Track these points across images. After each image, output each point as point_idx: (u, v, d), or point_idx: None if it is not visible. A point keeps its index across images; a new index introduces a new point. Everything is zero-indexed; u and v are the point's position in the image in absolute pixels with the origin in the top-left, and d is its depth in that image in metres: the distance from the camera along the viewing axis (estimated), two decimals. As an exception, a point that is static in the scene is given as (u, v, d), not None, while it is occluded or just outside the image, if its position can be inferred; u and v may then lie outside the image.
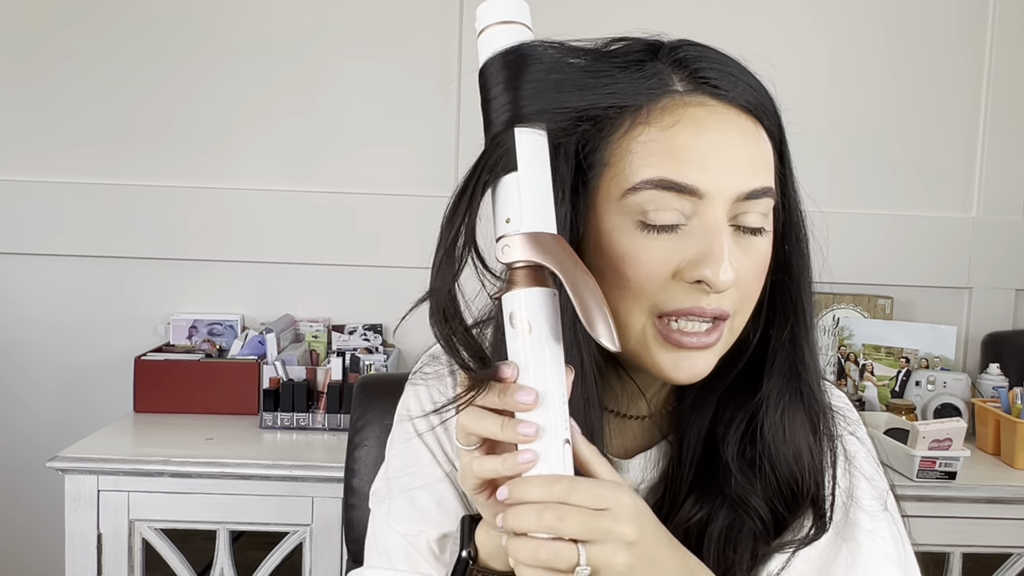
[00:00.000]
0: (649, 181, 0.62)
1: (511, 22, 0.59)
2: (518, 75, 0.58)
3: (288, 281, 2.15)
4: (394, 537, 0.76)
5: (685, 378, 0.66)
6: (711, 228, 0.62)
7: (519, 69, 0.58)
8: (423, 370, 0.81)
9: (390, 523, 0.77)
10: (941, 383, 1.94)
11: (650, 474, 0.75)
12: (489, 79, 0.59)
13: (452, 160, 2.13)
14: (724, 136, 0.63)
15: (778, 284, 0.70)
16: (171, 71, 2.10)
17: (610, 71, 0.62)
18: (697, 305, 0.63)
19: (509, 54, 0.58)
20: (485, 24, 0.59)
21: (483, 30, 0.60)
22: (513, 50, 0.58)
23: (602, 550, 0.55)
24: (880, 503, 0.74)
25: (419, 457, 0.77)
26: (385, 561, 0.76)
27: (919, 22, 2.16)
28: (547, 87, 0.58)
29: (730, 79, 0.64)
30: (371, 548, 0.79)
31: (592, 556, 0.55)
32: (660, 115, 0.63)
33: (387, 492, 0.78)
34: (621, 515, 0.56)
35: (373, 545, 0.78)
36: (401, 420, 0.81)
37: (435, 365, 0.81)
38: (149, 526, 1.61)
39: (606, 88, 0.62)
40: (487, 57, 0.59)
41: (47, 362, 2.14)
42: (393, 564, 0.75)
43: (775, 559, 0.70)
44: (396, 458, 0.79)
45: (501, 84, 0.58)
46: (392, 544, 0.76)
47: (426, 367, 0.81)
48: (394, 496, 0.77)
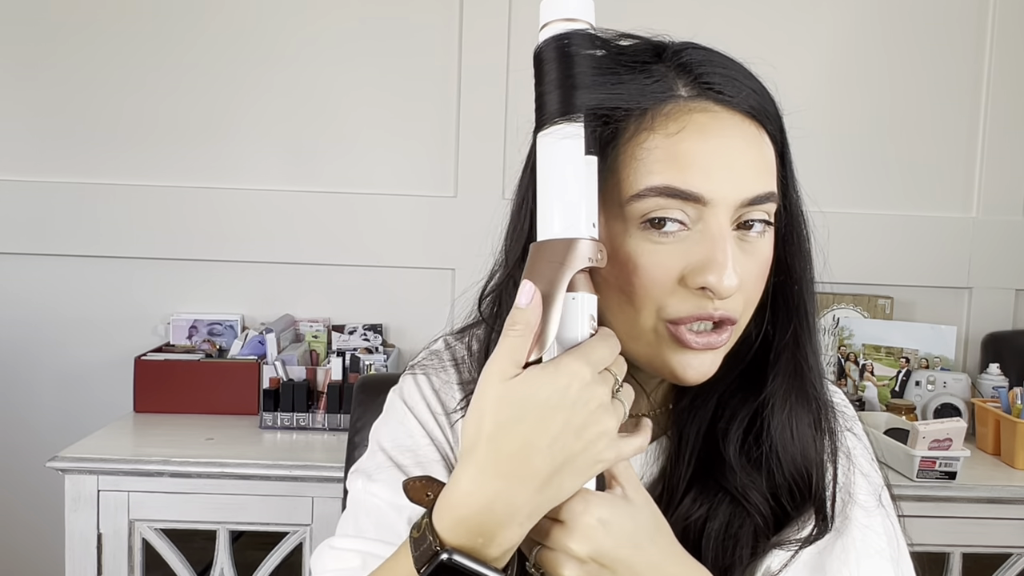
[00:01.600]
0: (654, 188, 0.62)
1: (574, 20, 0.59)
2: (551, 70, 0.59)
3: (288, 281, 2.15)
4: (371, 502, 0.73)
5: (695, 377, 0.66)
6: (715, 235, 0.63)
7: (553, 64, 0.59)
8: (422, 362, 0.81)
9: (370, 490, 0.74)
10: (941, 383, 1.94)
11: (649, 470, 0.75)
12: (536, 69, 0.60)
13: (452, 160, 2.14)
14: (728, 143, 0.63)
15: (780, 285, 0.70)
16: (172, 71, 2.10)
17: (616, 70, 0.63)
18: (705, 312, 0.64)
19: (555, 43, 0.59)
20: (548, 19, 0.60)
21: (545, 25, 0.60)
22: (557, 39, 0.59)
23: (552, 557, 0.58)
24: (875, 499, 0.74)
25: (415, 438, 0.76)
26: (352, 528, 0.73)
27: (919, 22, 2.16)
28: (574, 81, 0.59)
29: (734, 84, 0.65)
30: (343, 520, 0.75)
31: (543, 559, 0.58)
32: (664, 121, 0.63)
33: (374, 465, 0.76)
34: (573, 530, 0.57)
35: (346, 517, 0.75)
36: (394, 404, 0.80)
37: (435, 359, 0.81)
38: (149, 526, 1.61)
39: (613, 88, 0.62)
40: (540, 43, 0.60)
41: (47, 362, 2.14)
42: (360, 531, 0.72)
43: (775, 556, 0.70)
44: (386, 435, 0.78)
45: (542, 77, 0.59)
46: (365, 510, 0.73)
47: (425, 360, 0.81)
48: (382, 469, 0.75)
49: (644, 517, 0.60)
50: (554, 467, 0.54)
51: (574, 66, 0.58)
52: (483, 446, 0.55)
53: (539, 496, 0.55)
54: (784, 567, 0.69)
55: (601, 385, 0.55)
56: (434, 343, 0.83)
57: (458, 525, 0.56)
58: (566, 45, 0.59)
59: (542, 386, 0.54)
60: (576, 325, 0.57)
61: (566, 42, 0.59)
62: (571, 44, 0.59)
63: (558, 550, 0.57)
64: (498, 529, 0.55)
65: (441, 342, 0.83)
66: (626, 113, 0.63)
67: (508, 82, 2.09)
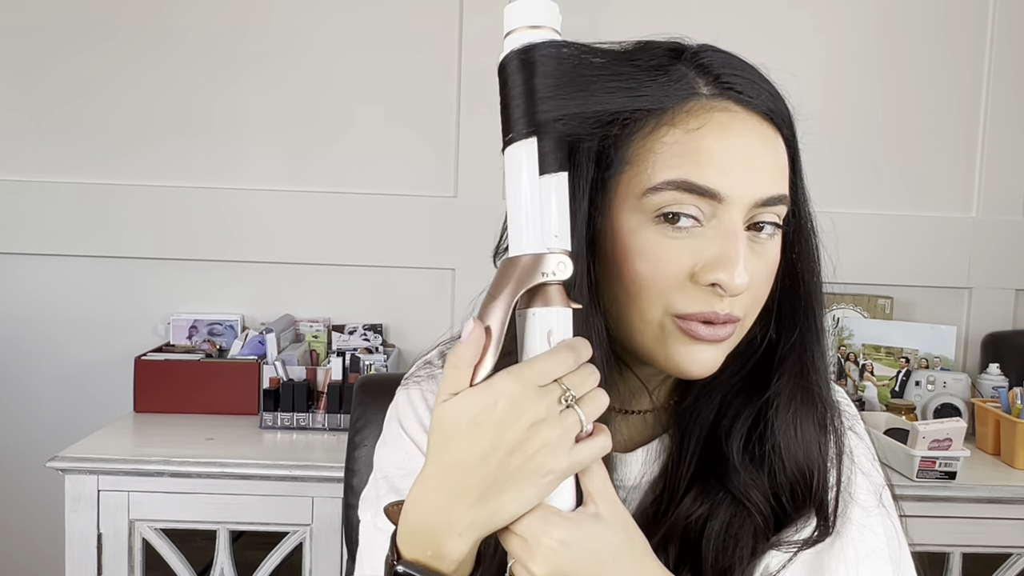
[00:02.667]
0: (671, 182, 0.63)
1: (539, 27, 0.58)
2: (535, 77, 0.57)
3: (288, 281, 2.15)
4: (380, 538, 0.73)
5: (699, 371, 0.66)
6: (728, 232, 0.63)
7: (536, 71, 0.57)
8: (415, 374, 0.81)
9: (377, 524, 0.75)
10: (941, 383, 1.94)
11: (651, 468, 0.75)
12: (508, 79, 0.58)
13: (452, 160, 2.14)
14: (746, 142, 0.64)
15: (788, 289, 0.71)
16: (172, 71, 2.10)
17: (633, 73, 0.63)
18: (712, 310, 0.64)
19: (525, 53, 0.57)
20: (512, 28, 0.58)
21: (509, 33, 0.58)
22: (529, 49, 0.57)
23: (519, 573, 0.58)
24: (875, 499, 0.74)
25: (412, 457, 0.76)
26: (368, 567, 0.74)
27: (919, 23, 2.16)
28: (570, 89, 0.58)
29: (753, 86, 0.66)
30: (359, 558, 0.76)
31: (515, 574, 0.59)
32: (686, 118, 0.63)
33: (375, 495, 0.77)
34: (534, 552, 0.57)
35: (360, 554, 0.76)
36: (390, 425, 0.80)
37: (427, 368, 0.81)
38: (149, 526, 1.61)
39: (633, 92, 0.62)
40: (504, 55, 0.58)
41: (47, 362, 2.14)
42: (376, 569, 0.72)
43: (774, 556, 0.70)
44: (386, 459, 0.78)
45: (520, 86, 0.58)
46: (379, 546, 0.73)
47: (418, 371, 0.81)
48: (383, 497, 0.75)
49: (612, 535, 0.59)
50: (488, 482, 0.55)
51: (534, 78, 0.57)
52: (428, 462, 0.58)
53: (476, 509, 0.56)
54: (783, 567, 0.69)
55: (539, 399, 0.55)
56: (429, 352, 0.83)
57: (411, 538, 0.59)
58: (528, 56, 0.57)
59: (470, 406, 0.55)
60: (533, 341, 0.58)
61: (527, 55, 0.57)
62: (534, 54, 0.57)
63: (522, 568, 0.58)
64: (440, 540, 0.57)
65: (436, 351, 0.82)
66: (648, 112, 0.63)
67: (508, 82, 2.09)
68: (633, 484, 0.74)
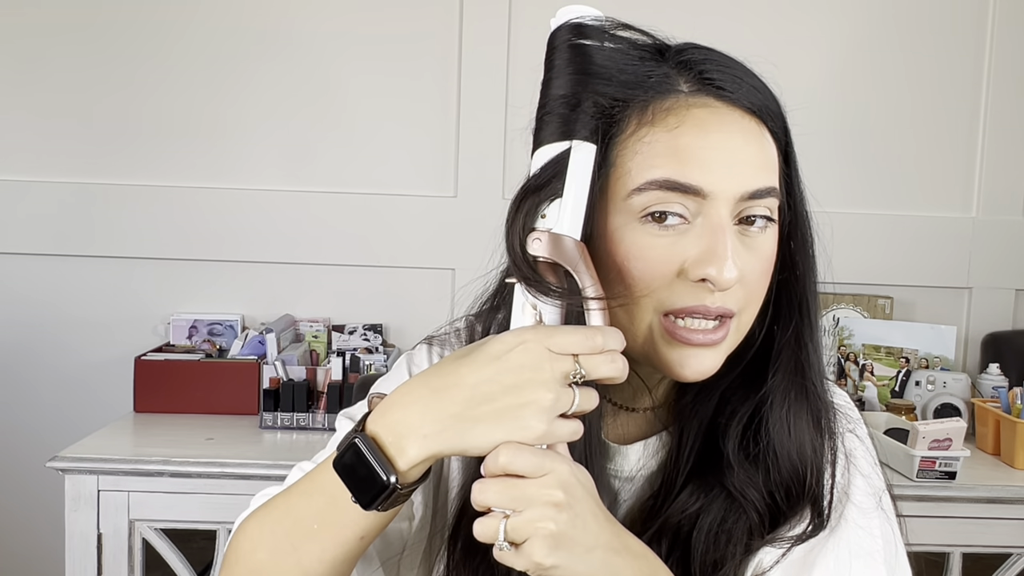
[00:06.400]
0: (654, 182, 0.63)
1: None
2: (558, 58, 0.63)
3: (288, 281, 2.15)
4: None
5: (692, 375, 0.66)
6: (715, 227, 0.63)
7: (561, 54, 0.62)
8: (441, 335, 0.83)
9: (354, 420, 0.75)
10: (941, 383, 1.94)
11: (648, 462, 0.75)
12: (547, 54, 0.63)
13: (452, 160, 2.14)
14: (727, 137, 0.64)
15: (784, 283, 0.71)
16: (172, 71, 2.10)
17: (619, 62, 0.64)
18: (702, 304, 0.64)
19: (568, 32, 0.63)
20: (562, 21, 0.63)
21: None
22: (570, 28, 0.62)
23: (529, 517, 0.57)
24: (874, 501, 0.74)
25: None
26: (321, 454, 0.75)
27: (919, 22, 2.16)
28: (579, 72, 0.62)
29: (735, 81, 0.66)
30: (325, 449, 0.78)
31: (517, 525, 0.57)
32: (664, 116, 0.64)
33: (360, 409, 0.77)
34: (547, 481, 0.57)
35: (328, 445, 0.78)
36: (400, 367, 0.81)
37: (454, 334, 0.82)
38: (149, 526, 1.61)
39: (616, 78, 0.64)
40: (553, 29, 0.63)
41: (47, 362, 2.14)
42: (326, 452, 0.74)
43: (767, 553, 0.70)
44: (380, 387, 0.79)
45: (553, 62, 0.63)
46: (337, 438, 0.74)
47: (444, 333, 0.83)
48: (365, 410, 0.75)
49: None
50: (469, 404, 0.57)
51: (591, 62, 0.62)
52: (436, 364, 0.61)
53: (448, 422, 0.58)
54: (775, 564, 0.70)
55: (549, 362, 0.57)
56: (458, 320, 0.83)
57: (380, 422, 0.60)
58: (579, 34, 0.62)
59: (493, 341, 0.59)
60: (517, 311, 0.62)
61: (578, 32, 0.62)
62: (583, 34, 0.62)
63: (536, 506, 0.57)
64: (405, 433, 0.59)
65: (464, 320, 0.83)
66: (626, 105, 0.64)
67: (508, 82, 2.09)
68: (628, 476, 0.75)
